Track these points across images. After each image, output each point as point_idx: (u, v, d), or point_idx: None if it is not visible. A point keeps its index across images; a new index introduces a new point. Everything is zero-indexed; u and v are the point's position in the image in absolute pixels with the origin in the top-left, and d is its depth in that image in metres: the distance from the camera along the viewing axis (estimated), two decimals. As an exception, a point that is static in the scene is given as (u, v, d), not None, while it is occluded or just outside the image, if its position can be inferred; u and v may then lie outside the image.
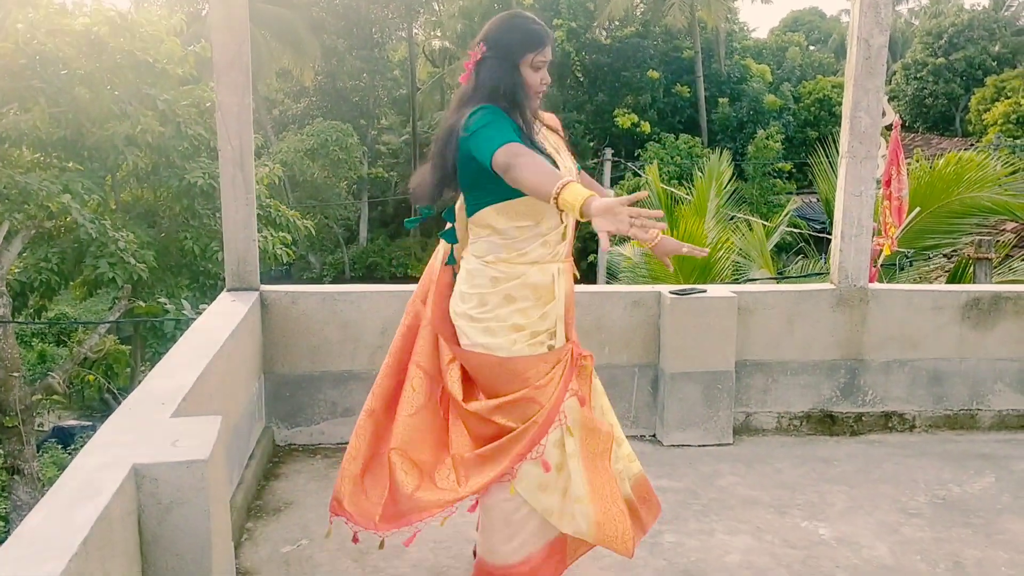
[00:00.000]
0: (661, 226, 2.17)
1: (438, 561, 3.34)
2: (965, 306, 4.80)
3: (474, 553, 3.19)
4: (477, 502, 3.06)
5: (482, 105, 2.61)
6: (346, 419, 4.49)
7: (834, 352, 4.76)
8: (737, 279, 9.08)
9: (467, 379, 2.83)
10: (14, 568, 1.81)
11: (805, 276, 10.10)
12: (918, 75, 37.88)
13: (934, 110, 37.56)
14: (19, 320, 13.37)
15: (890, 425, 4.86)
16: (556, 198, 2.25)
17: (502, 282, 2.72)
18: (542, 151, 2.65)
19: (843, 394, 4.81)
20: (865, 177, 4.62)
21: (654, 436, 4.68)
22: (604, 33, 33.29)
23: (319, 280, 28.23)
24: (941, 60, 37.16)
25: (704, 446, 4.56)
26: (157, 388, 2.95)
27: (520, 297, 2.73)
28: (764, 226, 10.81)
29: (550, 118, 2.93)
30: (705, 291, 4.54)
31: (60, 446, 16.46)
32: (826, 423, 4.81)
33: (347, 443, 4.43)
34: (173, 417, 2.71)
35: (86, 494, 2.13)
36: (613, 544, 2.76)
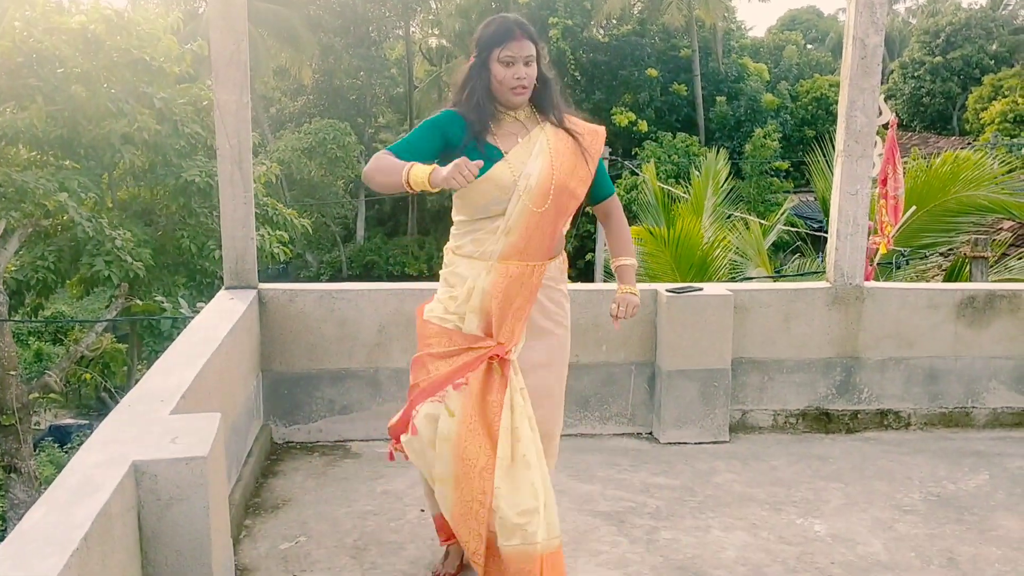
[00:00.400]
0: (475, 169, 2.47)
1: (436, 558, 3.35)
2: (960, 304, 4.82)
3: None
4: None
5: (443, 111, 2.87)
6: (343, 416, 4.50)
7: (830, 350, 4.78)
8: (734, 277, 9.10)
9: None
10: (16, 563, 1.83)
11: (802, 275, 10.12)
12: (915, 74, 37.93)
13: (931, 109, 37.60)
14: (15, 319, 13.36)
15: (885, 423, 4.88)
16: (407, 183, 2.57)
17: (445, 267, 3.04)
18: (486, 152, 2.79)
19: (839, 392, 4.83)
20: (861, 176, 4.64)
21: (651, 434, 4.69)
22: (601, 31, 33.31)
23: (316, 278, 28.22)
24: (938, 59, 37.21)
25: (700, 443, 4.58)
26: (156, 386, 2.97)
27: (449, 283, 2.99)
28: (761, 225, 10.83)
29: (582, 125, 2.98)
30: (701, 289, 4.56)
31: (57, 445, 16.46)
32: (822, 421, 4.83)
33: (345, 441, 4.49)
34: (172, 414, 2.72)
35: (86, 491, 2.15)
36: (465, 544, 2.87)
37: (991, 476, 4.27)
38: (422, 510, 3.76)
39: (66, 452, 15.97)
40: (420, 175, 2.54)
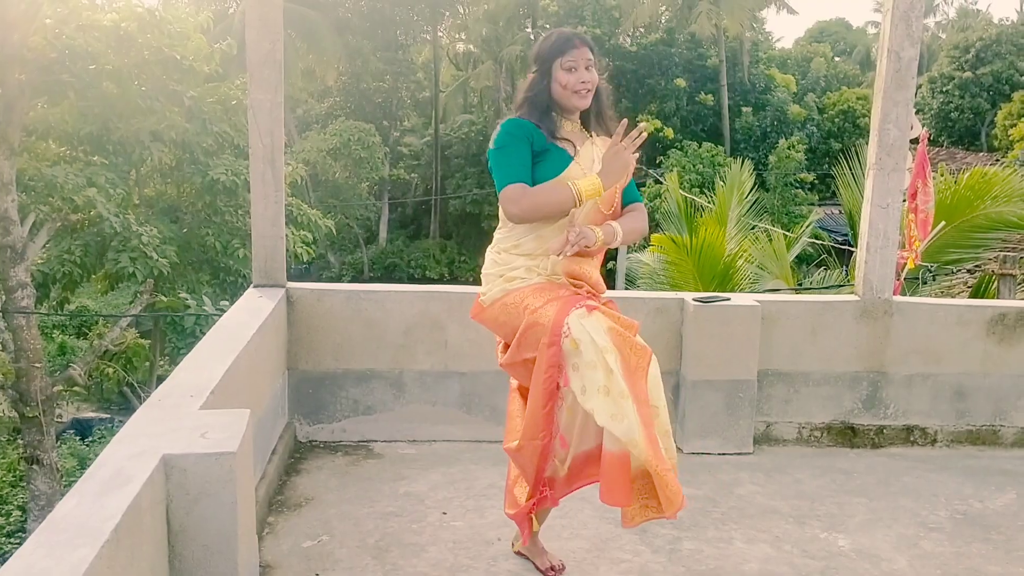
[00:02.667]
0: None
1: (457, 561, 3.35)
2: (990, 321, 4.77)
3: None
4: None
5: (508, 120, 2.94)
6: (367, 417, 4.51)
7: (856, 364, 4.74)
8: (755, 289, 9.04)
9: (506, 347, 3.06)
10: (47, 553, 1.84)
11: (825, 287, 10.05)
12: (944, 89, 37.63)
13: (959, 124, 37.28)
14: (41, 311, 13.49)
15: (912, 439, 4.84)
16: (579, 201, 2.81)
17: (495, 265, 3.03)
18: (560, 150, 2.92)
19: (865, 406, 4.79)
20: (892, 189, 4.60)
21: (674, 443, 4.67)
22: (629, 40, 33.31)
23: (338, 279, 28.33)
24: (968, 74, 36.90)
25: (724, 454, 4.56)
26: (186, 381, 2.99)
27: (512, 278, 2.98)
28: (784, 237, 10.77)
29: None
30: (729, 299, 4.54)
31: (78, 438, 16.58)
32: (847, 435, 4.79)
33: (368, 441, 4.50)
34: (202, 409, 2.74)
35: (117, 482, 2.16)
36: (662, 480, 2.78)
37: (1018, 495, 4.22)
38: (444, 513, 3.76)
39: (87, 445, 16.10)
40: (591, 186, 2.81)
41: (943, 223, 8.33)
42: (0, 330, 12.14)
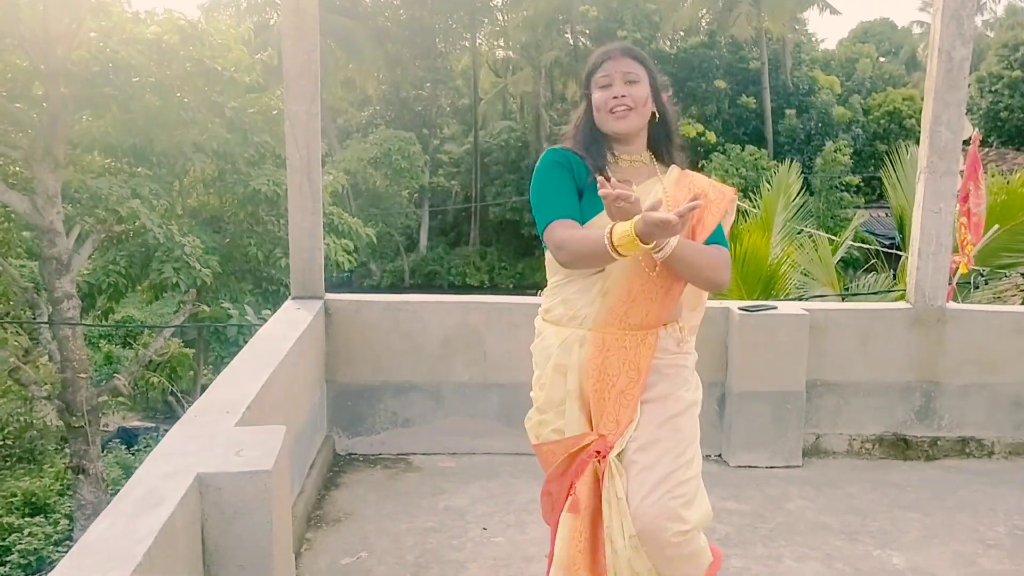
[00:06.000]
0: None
1: (498, 579, 3.28)
2: (1049, 328, 4.60)
3: None
4: None
5: (549, 149, 2.46)
6: (406, 429, 4.46)
7: (909, 374, 4.60)
8: (801, 296, 8.88)
9: None
10: (79, 577, 1.80)
11: (873, 293, 9.84)
12: (993, 88, 36.82)
13: (1009, 124, 36.44)
14: (87, 323, 13.67)
15: (967, 451, 4.67)
16: (613, 247, 2.14)
17: (536, 339, 2.54)
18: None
19: (918, 417, 4.64)
20: (945, 193, 4.46)
21: (720, 456, 4.56)
22: (669, 43, 33.10)
23: (379, 287, 28.46)
24: (1017, 73, 36.06)
25: (772, 468, 4.43)
26: (221, 396, 2.95)
27: (538, 362, 2.51)
28: (830, 241, 10.57)
29: (705, 182, 2.50)
30: (776, 308, 4.42)
31: (124, 447, 16.78)
32: (899, 447, 4.64)
33: (407, 454, 4.44)
34: (237, 426, 2.69)
35: (150, 503, 2.12)
36: None
37: (1082, 511, 4.05)
38: (484, 528, 3.70)
39: (133, 454, 16.29)
40: (625, 238, 2.10)
41: (996, 226, 8.11)
42: (47, 341, 12.31)
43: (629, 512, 2.28)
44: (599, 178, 2.13)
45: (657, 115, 2.45)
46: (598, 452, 2.34)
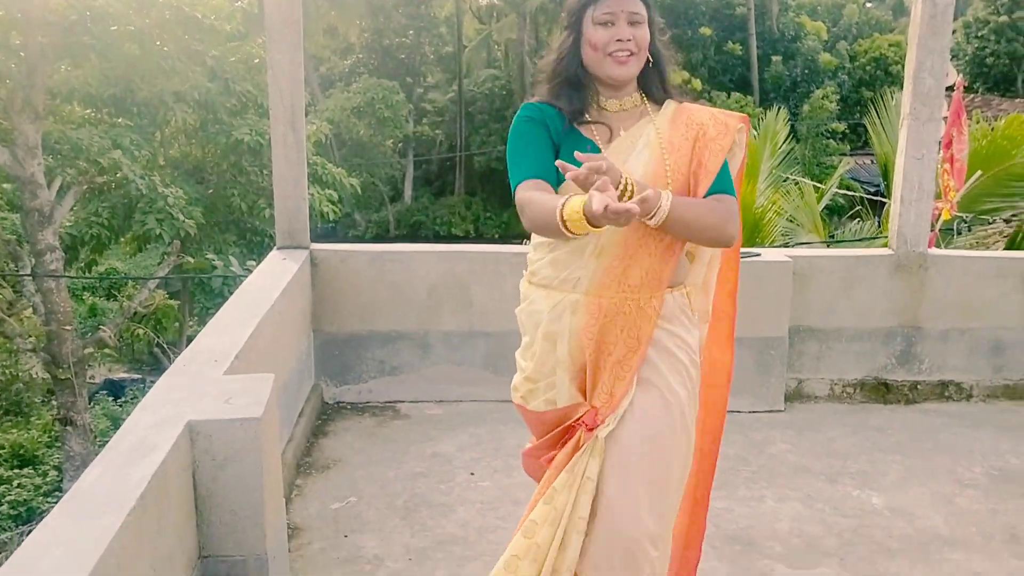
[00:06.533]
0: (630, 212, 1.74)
1: (485, 522, 3.35)
2: (1029, 273, 4.66)
3: None
4: None
5: (524, 104, 2.25)
6: (393, 378, 4.50)
7: (891, 319, 4.66)
8: (787, 243, 8.92)
9: None
10: (74, 522, 1.83)
11: (857, 240, 9.90)
12: (979, 34, 36.63)
13: (995, 70, 36.33)
14: (70, 275, 13.61)
15: (946, 394, 4.76)
16: (563, 223, 1.87)
17: (521, 302, 2.32)
18: (582, 139, 2.17)
19: (899, 362, 4.71)
20: (927, 140, 4.48)
21: (703, 401, 4.62)
22: (654, -11, 32.72)
23: (363, 238, 28.36)
24: (1004, 18, 35.87)
25: (755, 412, 4.50)
26: (209, 346, 2.97)
27: (526, 329, 2.31)
28: (816, 189, 10.60)
29: (706, 114, 2.24)
30: (760, 255, 4.46)
31: (111, 398, 16.83)
32: (880, 391, 4.72)
33: (394, 402, 4.49)
34: (226, 375, 2.72)
35: (142, 451, 2.15)
36: None
37: (1057, 451, 4.15)
38: (471, 473, 3.76)
39: (120, 406, 16.33)
40: (575, 215, 1.83)
41: (979, 172, 8.15)
42: (31, 293, 12.27)
43: (598, 501, 2.14)
44: (558, 163, 1.88)
45: (651, 60, 2.21)
46: (586, 424, 2.18)
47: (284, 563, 2.70)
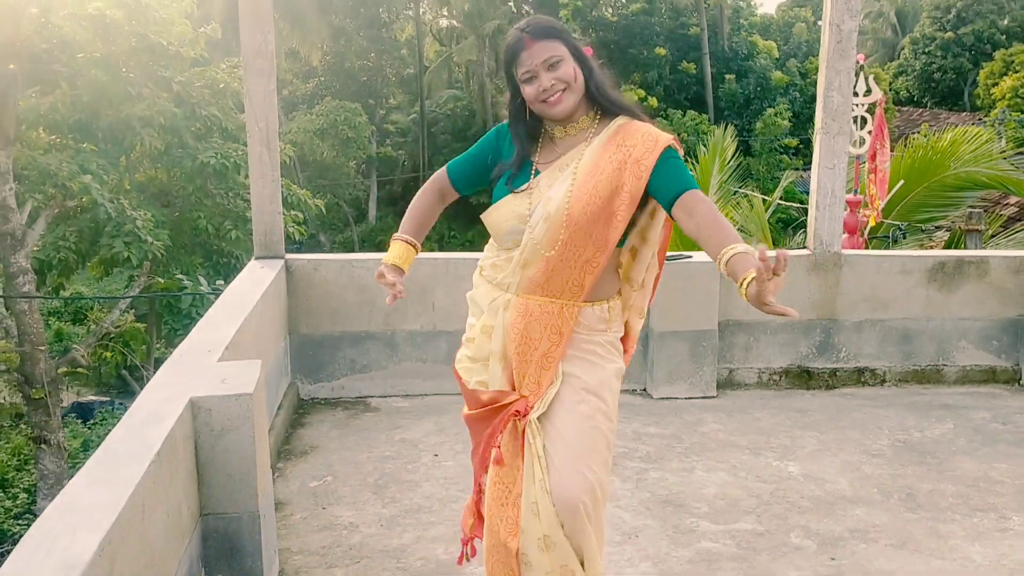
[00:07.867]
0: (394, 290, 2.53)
1: (448, 494, 3.78)
2: (931, 270, 5.20)
3: None
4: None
5: (504, 124, 2.55)
6: (363, 375, 4.93)
7: (810, 313, 5.17)
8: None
9: None
10: (103, 472, 2.25)
11: (789, 248, 10.42)
12: (926, 49, 37.84)
13: (942, 84, 37.54)
14: (41, 295, 13.78)
15: (862, 380, 5.27)
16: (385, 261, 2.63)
17: (474, 287, 2.66)
18: (522, 174, 2.43)
19: (819, 351, 5.22)
20: (838, 151, 5.00)
21: (644, 390, 5.10)
22: (610, 11, 33.50)
23: (329, 258, 28.54)
24: (949, 34, 37.10)
25: (690, 398, 4.99)
26: (202, 339, 3.39)
27: (472, 312, 2.64)
28: (765, 201, 11.14)
29: (636, 134, 2.35)
30: (691, 256, 4.95)
31: (79, 420, 16.98)
32: (803, 378, 5.23)
33: (365, 397, 4.91)
34: (219, 362, 3.14)
35: (154, 419, 2.56)
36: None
37: (955, 425, 4.67)
38: (436, 455, 4.19)
39: (90, 428, 16.48)
40: (388, 254, 2.65)
41: (903, 182, 8.73)
42: (4, 316, 12.49)
43: (548, 474, 2.35)
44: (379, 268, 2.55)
45: (584, 78, 2.37)
46: (518, 412, 2.40)
47: (272, 521, 3.12)
